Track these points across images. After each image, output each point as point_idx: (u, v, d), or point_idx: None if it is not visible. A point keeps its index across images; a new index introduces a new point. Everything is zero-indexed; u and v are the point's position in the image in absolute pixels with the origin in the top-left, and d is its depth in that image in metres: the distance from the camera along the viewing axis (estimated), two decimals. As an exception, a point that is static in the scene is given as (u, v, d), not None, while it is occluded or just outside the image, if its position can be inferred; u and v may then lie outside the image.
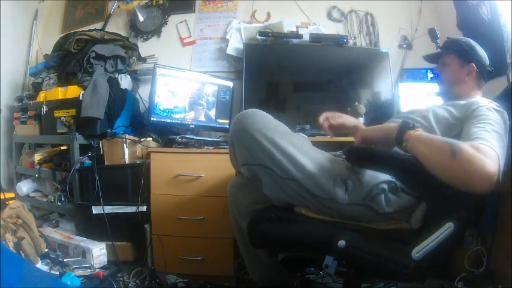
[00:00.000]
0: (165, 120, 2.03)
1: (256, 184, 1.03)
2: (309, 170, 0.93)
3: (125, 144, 1.87)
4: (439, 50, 1.37)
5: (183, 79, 2.08)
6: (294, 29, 2.42)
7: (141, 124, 2.14)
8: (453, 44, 1.27)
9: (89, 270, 1.50)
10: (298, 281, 1.54)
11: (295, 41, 2.35)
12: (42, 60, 2.35)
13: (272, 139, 0.94)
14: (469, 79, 1.20)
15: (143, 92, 2.35)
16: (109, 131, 1.92)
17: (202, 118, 2.13)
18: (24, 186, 2.13)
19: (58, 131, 1.98)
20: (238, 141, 1.00)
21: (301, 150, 0.96)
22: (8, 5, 2.32)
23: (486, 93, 1.23)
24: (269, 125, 0.98)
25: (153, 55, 2.47)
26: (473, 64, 1.19)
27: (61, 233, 1.76)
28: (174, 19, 2.54)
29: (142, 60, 2.44)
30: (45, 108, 2.06)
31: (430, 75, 2.27)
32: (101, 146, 1.92)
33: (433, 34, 2.00)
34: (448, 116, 1.05)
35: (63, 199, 1.97)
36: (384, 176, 0.93)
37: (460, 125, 1.00)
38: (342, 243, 0.85)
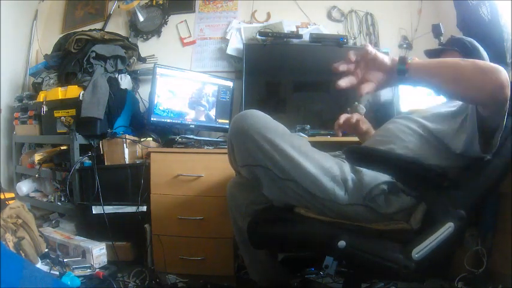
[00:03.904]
0: (165, 120, 2.03)
1: (256, 185, 1.03)
2: (308, 171, 0.92)
3: (125, 144, 1.87)
4: (441, 47, 1.37)
5: (183, 79, 2.08)
6: (294, 29, 2.42)
7: (141, 124, 2.14)
8: (457, 41, 1.27)
9: (89, 270, 1.50)
10: (298, 281, 1.54)
11: (295, 41, 2.35)
12: (42, 60, 2.35)
13: (271, 140, 0.94)
14: None
15: (143, 92, 2.35)
16: (109, 131, 1.92)
17: (202, 118, 2.13)
18: (24, 186, 2.13)
19: (58, 131, 1.99)
20: (238, 142, 1.00)
21: (300, 151, 0.95)
22: (8, 5, 2.32)
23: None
24: (268, 126, 0.97)
25: (153, 55, 2.47)
26: None
27: (61, 233, 1.76)
28: (174, 19, 2.54)
29: (142, 60, 2.44)
30: (45, 108, 2.06)
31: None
32: (101, 146, 1.92)
33: (437, 30, 2.00)
34: (450, 115, 1.05)
35: (63, 199, 1.97)
36: (384, 177, 0.93)
37: (462, 118, 0.99)
38: (342, 243, 0.85)
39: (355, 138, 1.89)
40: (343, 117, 1.29)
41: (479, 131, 0.88)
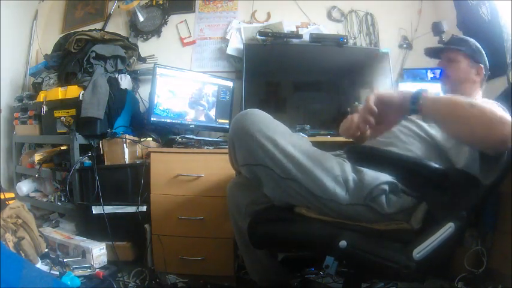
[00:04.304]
0: (165, 120, 2.03)
1: (257, 184, 1.03)
2: (309, 170, 0.92)
3: (124, 144, 1.86)
4: (443, 45, 1.36)
5: (183, 79, 2.08)
6: (294, 29, 2.42)
7: (141, 124, 2.14)
8: (462, 42, 1.25)
9: (89, 270, 1.50)
10: (298, 281, 1.54)
11: (295, 41, 2.36)
12: (42, 60, 2.35)
13: (272, 139, 0.94)
14: (477, 79, 1.20)
15: (143, 92, 2.35)
16: (109, 131, 1.92)
17: (202, 118, 2.13)
18: (24, 186, 2.12)
19: (58, 131, 1.98)
20: (239, 141, 1.00)
21: (301, 150, 0.95)
22: (8, 5, 2.32)
23: (486, 93, 1.23)
24: (269, 125, 0.97)
25: (153, 55, 2.47)
26: (482, 66, 1.19)
27: (61, 233, 1.76)
28: (174, 19, 2.55)
29: (142, 60, 2.44)
30: (45, 108, 2.05)
31: (430, 75, 2.27)
32: (101, 146, 1.91)
33: (438, 28, 2.00)
34: None
35: (63, 199, 1.97)
36: (385, 177, 0.93)
37: None
38: (343, 243, 0.85)
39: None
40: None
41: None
